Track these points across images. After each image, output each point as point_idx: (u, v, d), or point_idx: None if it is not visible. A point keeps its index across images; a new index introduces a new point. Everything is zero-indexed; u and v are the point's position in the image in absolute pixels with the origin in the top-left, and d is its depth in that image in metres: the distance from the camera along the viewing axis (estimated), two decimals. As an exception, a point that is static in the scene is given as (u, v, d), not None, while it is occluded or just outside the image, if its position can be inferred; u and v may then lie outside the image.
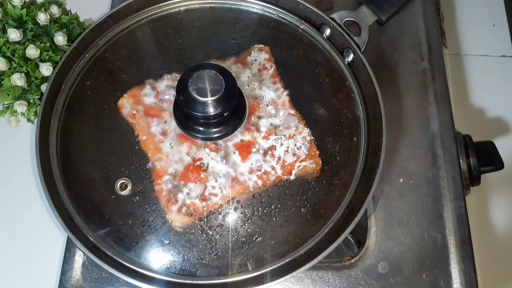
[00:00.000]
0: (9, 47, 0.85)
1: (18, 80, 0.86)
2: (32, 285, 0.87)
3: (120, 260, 0.77)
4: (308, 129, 0.81)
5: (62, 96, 0.87)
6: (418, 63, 0.97)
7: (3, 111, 0.92)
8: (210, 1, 0.95)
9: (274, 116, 0.82)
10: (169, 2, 0.94)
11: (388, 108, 0.83)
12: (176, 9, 0.96)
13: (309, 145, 0.81)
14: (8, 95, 0.87)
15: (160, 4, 0.94)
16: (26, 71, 0.87)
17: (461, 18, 1.16)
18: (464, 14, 1.16)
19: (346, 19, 0.88)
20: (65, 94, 0.88)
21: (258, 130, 0.81)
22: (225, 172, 0.78)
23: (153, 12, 0.95)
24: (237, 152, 0.78)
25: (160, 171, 0.78)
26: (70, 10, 0.98)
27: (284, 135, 0.80)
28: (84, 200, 0.82)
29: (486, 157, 0.90)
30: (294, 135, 0.81)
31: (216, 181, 0.77)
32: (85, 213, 0.81)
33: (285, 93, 0.84)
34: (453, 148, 0.90)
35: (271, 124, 0.81)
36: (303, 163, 0.79)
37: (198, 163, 0.78)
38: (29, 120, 0.93)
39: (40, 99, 0.91)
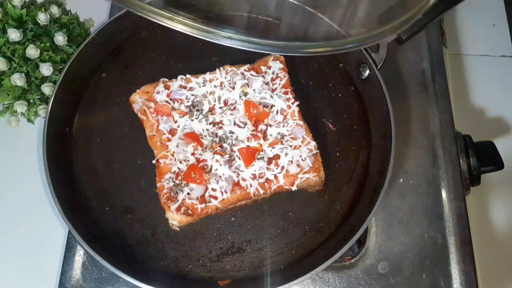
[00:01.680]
0: (9, 47, 0.85)
1: (18, 80, 0.86)
2: (32, 285, 0.87)
3: (114, 253, 0.76)
4: (315, 142, 0.81)
5: (75, 85, 0.88)
6: (418, 63, 0.97)
7: (3, 111, 0.92)
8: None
9: (283, 126, 0.82)
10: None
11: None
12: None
13: (314, 158, 0.80)
14: (8, 95, 0.88)
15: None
16: (26, 71, 0.87)
17: (461, 18, 1.16)
18: (464, 14, 1.16)
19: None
20: (79, 84, 0.89)
21: (265, 137, 0.81)
22: (227, 175, 0.78)
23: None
24: (241, 157, 0.79)
25: (164, 169, 0.79)
26: (70, 10, 0.98)
27: (290, 145, 0.80)
28: (85, 193, 0.83)
29: (486, 157, 0.90)
30: (300, 146, 0.81)
31: (217, 183, 0.77)
32: (85, 202, 0.82)
33: (296, 104, 0.84)
34: (453, 148, 0.90)
35: (278, 133, 0.82)
36: (306, 175, 0.79)
37: (201, 164, 0.79)
38: (29, 120, 0.93)
39: (40, 99, 0.92)
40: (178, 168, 0.78)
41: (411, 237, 0.84)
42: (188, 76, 0.84)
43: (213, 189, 0.77)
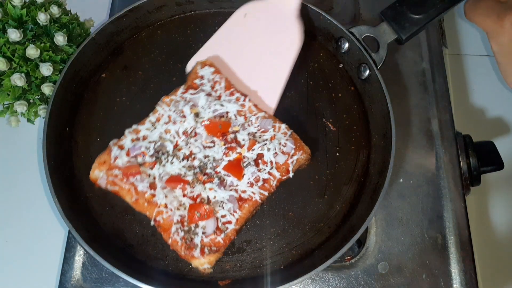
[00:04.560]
0: (9, 47, 0.85)
1: (18, 80, 0.86)
2: (32, 285, 0.87)
3: (113, 253, 0.76)
4: (284, 124, 0.80)
5: (75, 85, 0.88)
6: (418, 63, 0.97)
7: (3, 111, 0.92)
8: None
9: (248, 125, 0.80)
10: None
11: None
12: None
13: (292, 138, 0.79)
14: (8, 95, 0.88)
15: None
16: (26, 71, 0.87)
17: (461, 18, 1.16)
18: (464, 14, 1.16)
19: (366, 34, 0.87)
20: (79, 84, 0.89)
21: (239, 145, 0.79)
22: (228, 196, 0.76)
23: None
24: (230, 174, 0.77)
25: (166, 224, 0.75)
26: (70, 10, 0.98)
27: (266, 139, 0.79)
28: (85, 193, 0.83)
29: (486, 157, 0.90)
30: (274, 135, 0.80)
31: (223, 209, 0.75)
32: (86, 202, 0.82)
33: (247, 99, 0.82)
34: (453, 148, 0.90)
35: (249, 134, 0.80)
36: (295, 157, 0.79)
37: (198, 200, 0.76)
38: (29, 120, 0.93)
39: (40, 99, 0.92)
40: (179, 215, 0.75)
41: (411, 237, 0.84)
42: (134, 126, 0.81)
43: (223, 216, 0.75)
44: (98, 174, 0.78)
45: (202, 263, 0.73)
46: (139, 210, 0.77)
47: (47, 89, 0.89)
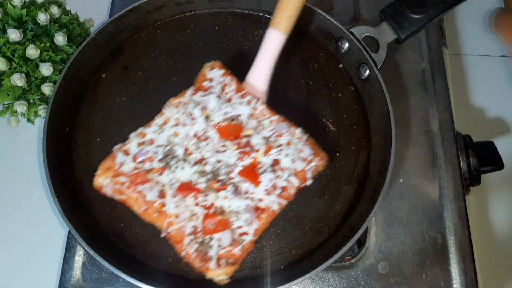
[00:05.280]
0: (9, 47, 0.85)
1: (18, 80, 0.86)
2: (32, 285, 0.87)
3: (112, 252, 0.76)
4: (299, 128, 0.78)
5: (75, 85, 0.88)
6: (418, 63, 0.97)
7: (3, 111, 0.92)
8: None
9: (262, 129, 0.77)
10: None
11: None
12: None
13: (309, 144, 0.77)
14: (8, 95, 0.87)
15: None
16: (26, 71, 0.87)
17: (461, 18, 1.16)
18: (464, 14, 1.16)
19: (366, 34, 0.87)
20: (79, 84, 0.88)
21: (253, 149, 0.75)
22: (244, 206, 0.71)
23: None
24: (246, 179, 0.72)
25: (177, 236, 0.71)
26: (70, 10, 0.98)
27: (281, 144, 0.75)
28: (85, 193, 0.83)
29: (486, 157, 0.90)
30: (290, 140, 0.76)
31: (239, 219, 0.71)
32: (86, 202, 0.82)
33: (259, 101, 0.78)
34: (453, 148, 0.90)
35: (263, 138, 0.76)
36: (313, 164, 0.75)
37: (212, 210, 0.71)
38: (29, 120, 0.93)
39: (40, 99, 0.92)
40: (192, 226, 0.71)
41: (411, 237, 0.84)
42: (140, 130, 0.77)
43: (239, 227, 0.71)
44: (103, 181, 0.73)
45: (219, 274, 0.69)
46: (148, 221, 0.73)
47: (47, 89, 0.89)
